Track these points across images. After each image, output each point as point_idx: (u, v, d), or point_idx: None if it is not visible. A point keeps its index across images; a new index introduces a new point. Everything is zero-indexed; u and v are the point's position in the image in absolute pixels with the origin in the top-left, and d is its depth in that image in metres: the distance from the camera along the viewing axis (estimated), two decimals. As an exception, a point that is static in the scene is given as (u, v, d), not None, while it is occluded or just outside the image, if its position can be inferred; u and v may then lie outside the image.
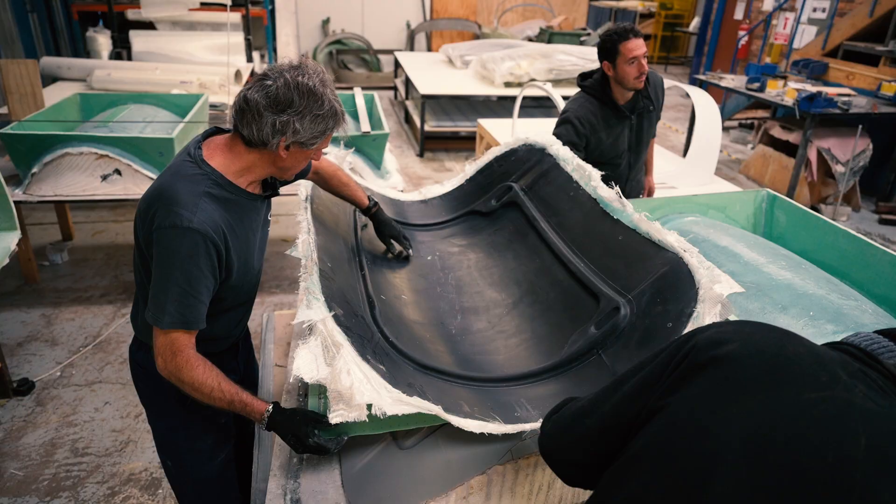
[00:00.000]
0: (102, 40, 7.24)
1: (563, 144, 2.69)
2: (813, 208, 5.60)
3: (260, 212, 1.57)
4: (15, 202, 3.31)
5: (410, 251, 2.11)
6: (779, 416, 0.84)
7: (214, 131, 1.52)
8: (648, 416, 0.93)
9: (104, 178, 3.51)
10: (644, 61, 2.54)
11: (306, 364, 1.32)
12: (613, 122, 2.71)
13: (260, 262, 1.63)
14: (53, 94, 5.02)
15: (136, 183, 3.54)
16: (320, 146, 1.46)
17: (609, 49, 2.54)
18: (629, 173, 2.88)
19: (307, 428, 1.35)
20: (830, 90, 5.93)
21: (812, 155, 5.72)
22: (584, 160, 2.73)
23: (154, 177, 3.54)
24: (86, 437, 2.76)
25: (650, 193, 3.20)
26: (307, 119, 1.37)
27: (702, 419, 0.87)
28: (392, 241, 2.09)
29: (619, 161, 2.79)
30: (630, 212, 1.81)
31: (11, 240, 3.00)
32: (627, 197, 2.81)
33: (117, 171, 3.50)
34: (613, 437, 0.98)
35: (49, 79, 6.01)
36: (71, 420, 2.85)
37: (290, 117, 1.35)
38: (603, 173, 2.04)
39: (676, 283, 1.51)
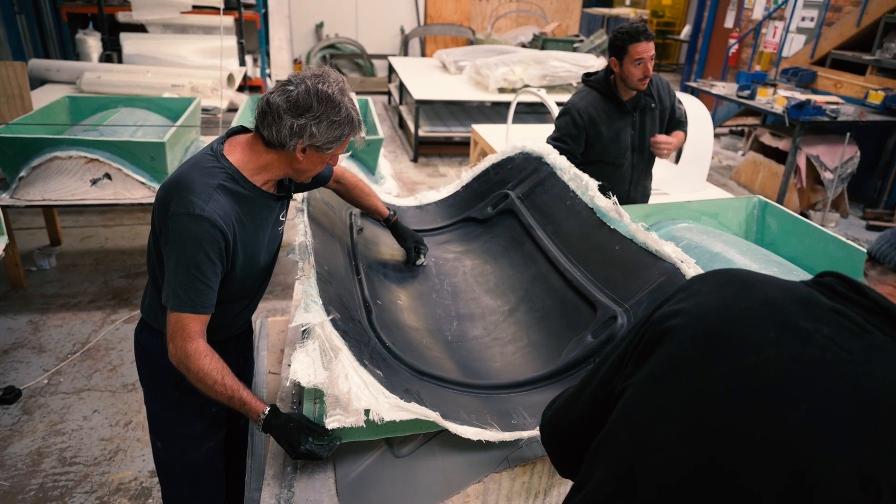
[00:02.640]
0: (92, 42, 7.18)
1: (563, 135, 2.72)
2: (802, 214, 5.64)
3: (272, 210, 1.61)
4: (2, 207, 3.28)
5: (423, 260, 2.14)
6: (713, 392, 0.79)
7: (239, 130, 1.58)
8: (616, 399, 0.91)
9: (94, 182, 3.47)
10: (650, 64, 2.56)
11: (304, 368, 1.31)
12: (615, 116, 2.70)
13: (268, 259, 1.66)
14: (42, 97, 4.96)
15: (126, 187, 3.51)
16: (336, 151, 1.51)
17: (619, 47, 2.56)
18: (633, 175, 2.82)
19: (299, 435, 1.36)
20: (819, 98, 5.99)
21: (801, 162, 5.77)
22: (584, 157, 2.74)
23: (145, 181, 3.51)
24: (74, 445, 2.71)
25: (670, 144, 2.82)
26: (324, 124, 1.43)
27: (650, 399, 0.85)
28: (414, 248, 2.13)
29: (621, 161, 2.76)
30: (627, 222, 1.81)
31: (-1, 245, 2.96)
32: (633, 203, 2.81)
33: (107, 176, 3.47)
34: (596, 421, 0.96)
35: (37, 81, 5.96)
36: (58, 429, 2.80)
37: (308, 121, 1.42)
38: (600, 183, 2.04)
39: None
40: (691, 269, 1.55)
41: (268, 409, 1.42)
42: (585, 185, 2.04)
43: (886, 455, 0.70)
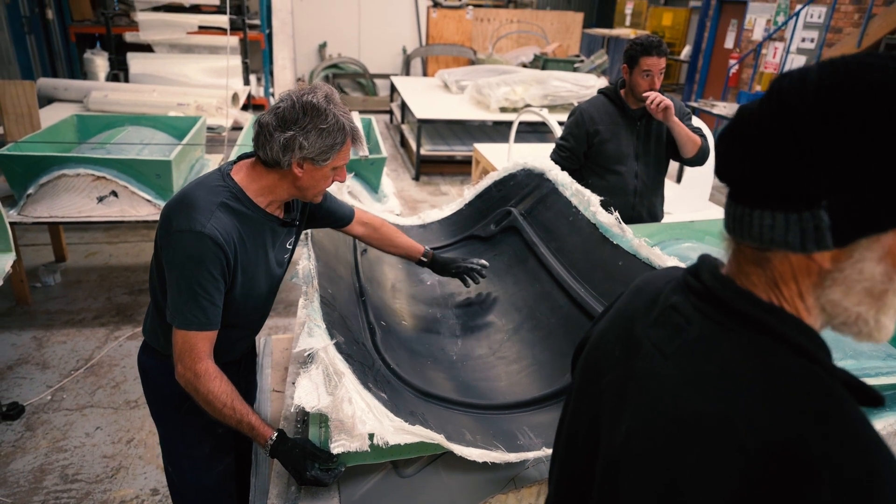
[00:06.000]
0: (100, 62, 7.29)
1: (567, 134, 2.80)
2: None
3: (277, 235, 1.59)
4: (10, 223, 3.30)
5: (484, 262, 2.01)
6: (578, 424, 0.82)
7: (252, 154, 1.56)
8: None
9: (100, 199, 3.50)
10: (658, 79, 2.61)
11: (307, 393, 1.31)
12: (618, 119, 2.75)
13: (269, 285, 1.62)
14: (50, 116, 5.02)
15: (132, 205, 3.53)
16: (334, 163, 1.47)
17: (631, 56, 2.63)
18: (637, 186, 2.80)
19: (305, 462, 1.36)
20: (820, 118, 6.02)
21: (803, 181, 5.79)
22: (587, 158, 2.77)
23: (151, 199, 3.54)
24: (76, 463, 2.70)
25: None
26: (312, 134, 1.40)
27: (560, 425, 0.92)
28: (465, 277, 2.01)
29: (622, 168, 2.76)
30: (630, 237, 1.82)
31: (6, 262, 2.98)
32: (639, 218, 2.82)
33: (114, 193, 3.50)
34: None
35: (45, 100, 6.03)
36: (61, 445, 2.80)
37: (296, 133, 1.39)
38: (602, 198, 2.05)
39: None
40: None
41: (275, 434, 1.41)
42: (587, 201, 2.04)
43: (690, 480, 0.61)
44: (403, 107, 7.88)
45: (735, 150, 0.65)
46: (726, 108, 6.92)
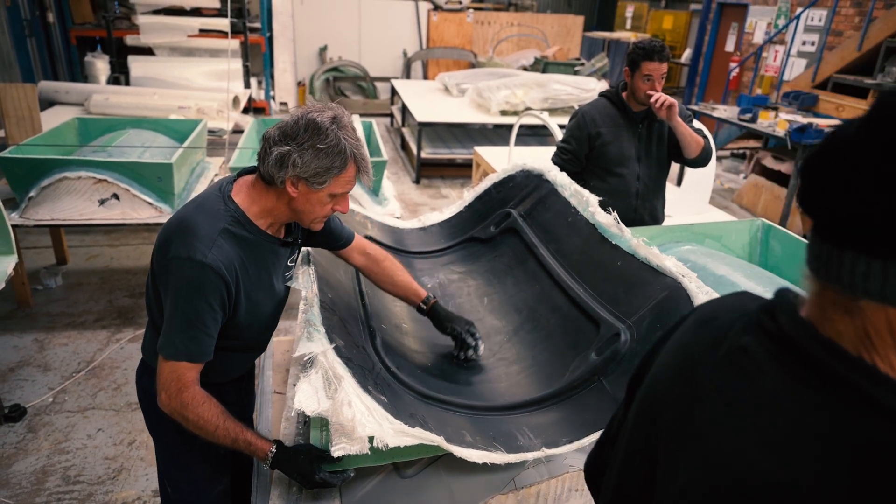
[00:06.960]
0: (101, 65, 7.31)
1: (568, 137, 2.81)
2: (805, 237, 5.63)
3: (280, 256, 1.55)
4: (11, 226, 3.31)
5: (482, 345, 1.79)
6: (634, 455, 0.77)
7: (252, 170, 1.52)
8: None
9: (102, 202, 3.51)
10: (658, 83, 2.62)
11: (307, 397, 1.31)
12: (619, 122, 2.76)
13: (273, 306, 1.58)
14: (51, 119, 5.04)
15: (133, 208, 3.54)
16: (331, 189, 1.41)
17: (633, 60, 2.65)
18: (639, 188, 2.80)
19: (312, 465, 1.35)
20: (821, 121, 6.04)
21: (803, 184, 5.79)
22: (589, 160, 2.78)
23: (152, 202, 3.55)
24: (78, 464, 2.71)
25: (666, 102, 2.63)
26: (308, 152, 1.35)
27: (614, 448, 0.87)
28: (464, 336, 1.79)
29: (623, 171, 2.77)
30: (628, 237, 1.83)
31: (8, 264, 2.98)
32: (640, 221, 2.83)
33: (115, 196, 3.51)
34: None
35: (46, 103, 6.05)
36: (63, 447, 2.80)
37: (292, 149, 1.34)
38: (601, 199, 2.06)
39: (676, 309, 1.53)
40: (693, 283, 1.56)
41: (274, 446, 1.39)
42: (586, 202, 2.05)
43: None
44: (404, 110, 7.90)
45: (824, 179, 0.55)
46: (726, 112, 6.94)
